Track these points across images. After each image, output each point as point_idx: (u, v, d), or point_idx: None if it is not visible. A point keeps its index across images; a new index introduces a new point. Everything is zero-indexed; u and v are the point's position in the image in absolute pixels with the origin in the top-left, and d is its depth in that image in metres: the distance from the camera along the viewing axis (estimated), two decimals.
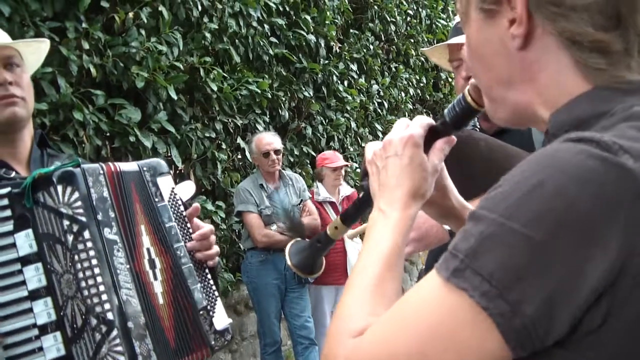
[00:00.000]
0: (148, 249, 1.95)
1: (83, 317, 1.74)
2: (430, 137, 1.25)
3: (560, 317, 0.81)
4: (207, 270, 2.11)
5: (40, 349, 1.74)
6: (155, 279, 1.94)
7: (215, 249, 2.14)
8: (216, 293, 2.10)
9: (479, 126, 2.50)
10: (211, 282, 2.11)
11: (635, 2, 0.93)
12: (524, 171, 0.85)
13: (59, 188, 1.79)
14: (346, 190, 6.55)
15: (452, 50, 2.47)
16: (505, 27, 1.00)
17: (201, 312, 2.01)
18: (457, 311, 0.83)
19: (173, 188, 2.10)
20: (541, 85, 1.00)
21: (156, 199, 2.03)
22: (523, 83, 1.02)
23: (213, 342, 2.03)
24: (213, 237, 2.16)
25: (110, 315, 1.75)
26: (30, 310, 1.75)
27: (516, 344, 0.82)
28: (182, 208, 2.11)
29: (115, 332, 1.75)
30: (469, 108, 1.23)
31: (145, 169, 2.05)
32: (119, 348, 1.74)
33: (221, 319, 2.08)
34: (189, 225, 2.12)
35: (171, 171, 2.11)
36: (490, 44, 1.04)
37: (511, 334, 0.81)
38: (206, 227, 2.15)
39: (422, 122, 1.25)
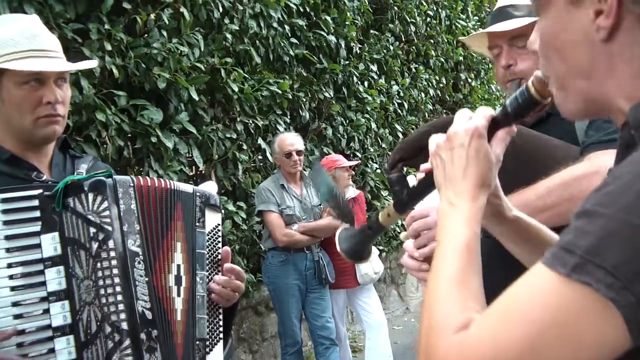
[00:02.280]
0: (179, 266, 1.99)
1: (98, 323, 1.78)
2: (492, 127, 1.26)
3: None
4: (220, 310, 2.14)
5: (52, 350, 1.77)
6: (179, 295, 1.98)
7: (237, 296, 2.18)
8: (221, 335, 2.13)
9: None
10: (220, 322, 2.14)
11: None
12: (635, 170, 0.87)
13: (90, 196, 1.84)
14: (352, 192, 6.54)
15: (492, 38, 2.44)
16: (591, 18, 1.01)
17: (197, 343, 2.03)
18: (579, 305, 0.85)
19: (219, 224, 2.16)
20: (622, 77, 1.01)
21: (197, 224, 2.08)
22: (602, 74, 1.03)
23: None
24: (241, 284, 2.19)
25: (124, 325, 1.79)
26: (47, 311, 1.79)
27: (638, 333, 0.83)
28: (219, 245, 2.16)
29: (127, 342, 1.78)
30: (532, 99, 1.24)
31: (198, 194, 2.11)
32: (130, 358, 1.78)
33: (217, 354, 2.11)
34: (219, 261, 2.16)
35: (220, 209, 2.19)
36: (571, 34, 1.05)
37: (635, 324, 0.83)
38: (237, 284, 2.18)
39: (485, 113, 1.26)
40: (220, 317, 2.14)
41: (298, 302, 5.77)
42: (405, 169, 2.12)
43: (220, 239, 2.17)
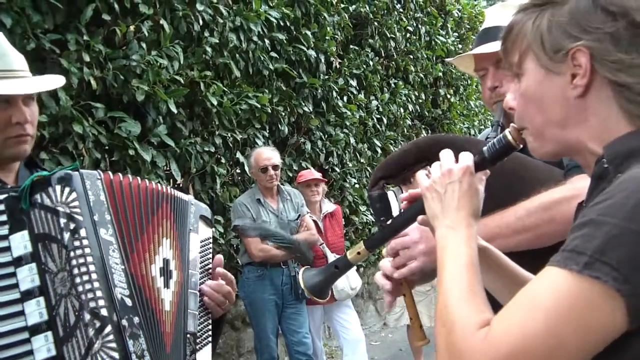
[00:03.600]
0: (166, 260, 2.02)
1: (76, 313, 1.75)
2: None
3: None
4: (210, 314, 2.20)
5: (30, 352, 1.74)
6: (167, 287, 2.00)
7: (227, 303, 2.24)
8: (210, 338, 2.17)
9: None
10: (209, 325, 2.19)
11: None
12: (630, 188, 1.09)
13: (57, 188, 1.82)
14: (328, 206, 6.53)
15: (478, 59, 2.44)
16: (568, 80, 1.25)
17: (188, 336, 2.05)
18: (591, 295, 1.05)
19: (210, 238, 2.26)
20: (592, 125, 1.26)
21: (190, 229, 2.16)
22: (575, 124, 1.28)
23: None
24: (232, 291, 2.26)
25: (104, 312, 1.77)
26: (22, 312, 1.75)
27: (633, 317, 1.05)
28: (210, 254, 2.25)
29: (109, 328, 1.76)
30: (509, 146, 1.43)
31: (192, 203, 2.21)
32: (113, 345, 1.75)
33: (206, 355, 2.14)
34: (210, 269, 2.24)
35: (208, 217, 2.29)
36: (550, 92, 1.29)
37: (633, 309, 1.04)
38: (226, 288, 2.24)
39: (469, 156, 1.46)
40: (210, 320, 2.19)
41: (274, 318, 5.75)
42: (386, 186, 2.12)
43: (211, 251, 2.24)
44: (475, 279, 1.27)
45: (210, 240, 2.26)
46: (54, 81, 2.35)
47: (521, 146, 1.41)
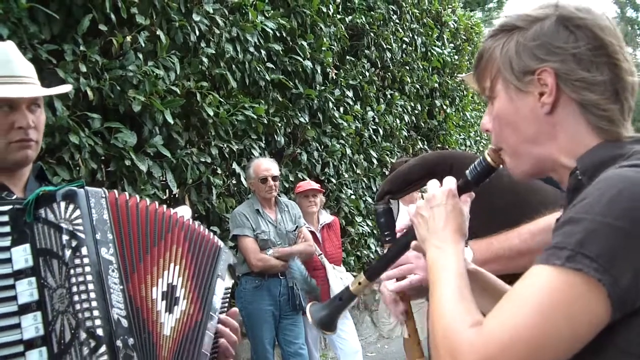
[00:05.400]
0: (172, 285, 2.01)
1: (72, 331, 1.74)
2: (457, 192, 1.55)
3: None
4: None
5: None
6: (170, 312, 1.98)
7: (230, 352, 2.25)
8: None
9: None
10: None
11: (625, 83, 1.33)
12: (603, 186, 1.17)
13: (62, 204, 1.82)
14: (326, 217, 6.52)
15: None
16: (536, 98, 1.35)
17: None
18: (574, 286, 1.12)
19: (229, 288, 2.26)
20: (562, 140, 1.36)
21: (219, 274, 2.18)
22: (547, 140, 1.37)
23: None
24: (236, 340, 2.26)
25: (100, 331, 1.75)
26: (18, 325, 1.75)
27: (617, 307, 1.11)
28: (226, 304, 2.25)
29: (103, 348, 1.74)
30: (489, 166, 1.52)
31: (225, 250, 2.24)
32: None
33: None
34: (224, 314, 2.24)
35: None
36: (521, 111, 1.38)
37: (615, 298, 1.11)
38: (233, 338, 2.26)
39: (452, 180, 1.55)
40: None
41: (271, 328, 5.72)
42: (391, 201, 2.14)
43: (227, 301, 2.25)
44: (464, 286, 1.34)
45: (230, 290, 2.28)
46: (59, 89, 2.37)
47: (501, 166, 1.51)
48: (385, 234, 2.08)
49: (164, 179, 5.28)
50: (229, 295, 2.27)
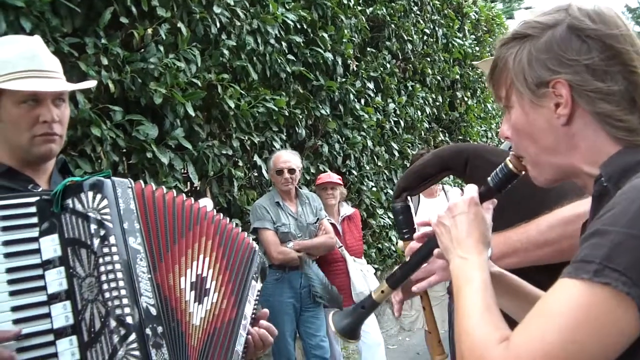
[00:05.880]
0: (201, 277, 2.05)
1: (102, 319, 1.76)
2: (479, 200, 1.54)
3: None
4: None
5: (55, 354, 1.76)
6: (199, 302, 2.01)
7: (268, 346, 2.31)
8: None
9: None
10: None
11: None
12: (631, 197, 1.15)
13: (90, 194, 1.85)
14: (347, 210, 6.52)
15: None
16: (552, 110, 1.33)
17: None
18: (603, 301, 1.09)
19: (260, 290, 2.30)
20: (583, 150, 1.34)
21: (253, 276, 2.23)
22: (567, 150, 1.35)
23: None
24: (272, 341, 2.33)
25: (129, 319, 1.78)
26: (48, 315, 1.78)
27: None
28: (258, 305, 2.29)
29: (133, 336, 1.77)
30: (511, 173, 1.52)
31: (259, 253, 2.30)
32: (136, 352, 1.76)
33: None
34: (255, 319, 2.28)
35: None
36: (537, 123, 1.37)
37: None
38: (269, 340, 2.32)
39: (474, 188, 1.55)
40: None
41: (292, 321, 5.72)
42: (409, 198, 2.13)
43: (258, 303, 2.30)
44: (489, 299, 1.34)
45: (260, 292, 2.31)
46: (84, 84, 2.41)
47: (523, 173, 1.49)
48: (404, 231, 2.08)
49: (185, 171, 5.28)
50: (258, 296, 2.30)
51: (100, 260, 1.80)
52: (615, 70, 1.29)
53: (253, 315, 2.23)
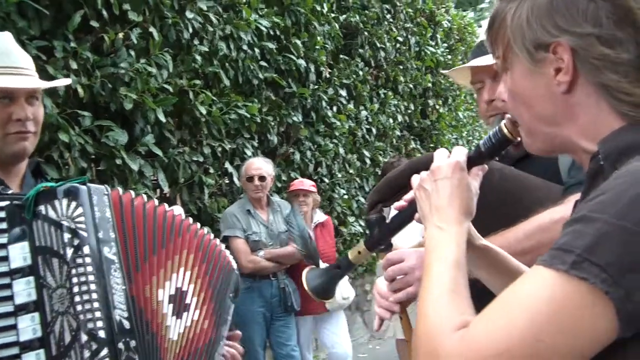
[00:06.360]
0: (181, 290, 1.96)
1: (73, 333, 1.69)
2: (467, 165, 1.39)
3: None
4: None
5: None
6: (178, 317, 1.93)
7: None
8: None
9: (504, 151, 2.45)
10: None
11: None
12: (625, 182, 1.01)
13: (64, 202, 1.77)
14: (320, 216, 6.50)
15: (475, 72, 2.40)
16: (551, 75, 1.18)
17: None
18: (577, 297, 0.96)
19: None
20: (582, 122, 1.18)
21: (231, 295, 2.14)
22: (565, 121, 1.20)
23: None
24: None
25: (102, 333, 1.71)
26: (14, 327, 1.70)
27: (625, 324, 0.96)
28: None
29: (105, 351, 1.70)
30: (505, 139, 1.38)
31: (237, 272, 2.21)
32: None
33: None
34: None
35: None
36: (535, 88, 1.22)
37: (624, 315, 0.95)
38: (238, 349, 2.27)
39: (462, 150, 1.40)
40: None
41: (263, 330, 5.68)
42: (384, 210, 2.09)
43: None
44: (459, 278, 1.19)
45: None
46: (58, 81, 2.34)
47: (518, 139, 1.35)
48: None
49: (155, 178, 5.22)
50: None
51: (73, 270, 1.72)
52: (626, 36, 1.12)
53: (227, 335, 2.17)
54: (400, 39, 10.56)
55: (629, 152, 1.09)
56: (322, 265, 6.03)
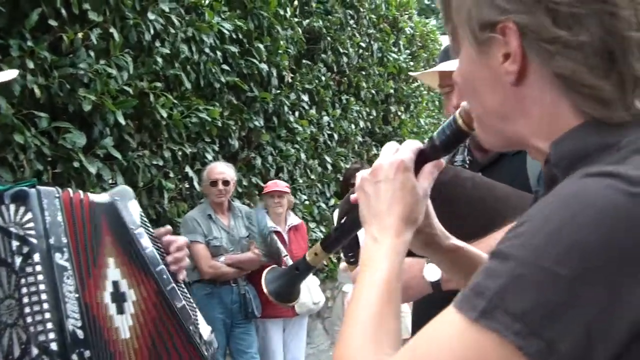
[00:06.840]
0: (115, 282, 1.84)
1: (22, 346, 1.61)
2: (419, 161, 1.23)
3: (598, 354, 0.79)
4: (183, 284, 2.03)
5: None
6: (121, 313, 1.83)
7: (187, 260, 2.08)
8: (194, 304, 2.03)
9: (469, 158, 2.40)
10: (188, 294, 2.03)
11: (628, 42, 0.91)
12: (550, 208, 0.85)
13: (12, 207, 1.68)
14: (293, 220, 6.51)
15: (443, 77, 2.37)
16: (499, 61, 0.98)
17: (191, 328, 1.92)
18: (486, 351, 0.81)
19: (140, 212, 2.00)
20: (535, 118, 0.99)
21: (132, 227, 1.91)
22: (516, 116, 1.01)
23: (206, 353, 1.95)
24: (187, 251, 2.09)
25: (54, 346, 1.63)
26: None
27: None
28: (150, 229, 2.02)
29: None
30: (460, 131, 1.22)
31: (117, 198, 1.94)
32: None
33: (204, 327, 2.01)
34: (160, 244, 2.02)
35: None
36: (483, 75, 1.02)
37: None
38: (180, 239, 2.10)
39: (412, 146, 1.24)
40: (185, 289, 2.04)
41: (223, 337, 5.63)
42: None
43: (147, 222, 2.02)
44: (386, 306, 1.05)
45: (142, 214, 2.01)
46: (4, 73, 2.22)
47: (474, 131, 1.17)
48: (349, 254, 1.99)
49: (114, 181, 5.11)
50: (143, 215, 2.01)
51: (22, 280, 1.64)
52: (587, 12, 0.90)
53: (159, 252, 2.00)
54: (363, 44, 10.56)
55: (583, 160, 0.91)
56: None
